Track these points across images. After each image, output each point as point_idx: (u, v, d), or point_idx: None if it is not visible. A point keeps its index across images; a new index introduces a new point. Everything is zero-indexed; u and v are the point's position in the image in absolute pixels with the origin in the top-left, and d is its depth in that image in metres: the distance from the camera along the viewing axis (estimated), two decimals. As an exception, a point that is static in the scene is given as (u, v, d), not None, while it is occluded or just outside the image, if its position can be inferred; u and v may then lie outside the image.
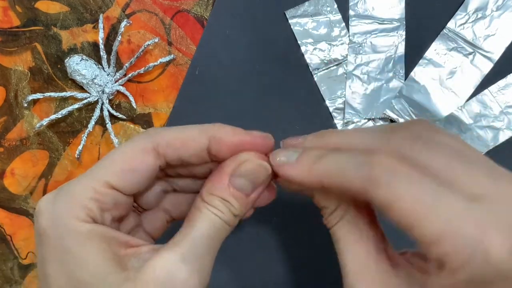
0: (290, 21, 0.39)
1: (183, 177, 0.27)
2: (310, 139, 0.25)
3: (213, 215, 0.23)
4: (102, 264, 0.21)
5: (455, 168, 0.19)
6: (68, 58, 0.38)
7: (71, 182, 0.23)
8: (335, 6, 0.39)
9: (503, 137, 0.37)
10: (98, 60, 0.39)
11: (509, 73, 0.37)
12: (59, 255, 0.21)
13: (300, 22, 0.39)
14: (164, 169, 0.25)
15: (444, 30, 0.38)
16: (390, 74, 0.38)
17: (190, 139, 0.24)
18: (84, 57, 0.39)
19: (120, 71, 0.39)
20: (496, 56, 0.37)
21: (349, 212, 0.23)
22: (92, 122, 0.38)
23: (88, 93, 0.39)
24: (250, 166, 0.24)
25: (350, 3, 0.39)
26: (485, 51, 0.38)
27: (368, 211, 0.23)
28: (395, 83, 0.38)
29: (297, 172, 0.23)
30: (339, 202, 0.23)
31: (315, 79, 0.38)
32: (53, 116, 0.38)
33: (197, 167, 0.26)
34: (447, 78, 0.38)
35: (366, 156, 0.20)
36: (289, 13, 0.39)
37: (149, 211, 0.28)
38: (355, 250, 0.22)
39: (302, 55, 0.39)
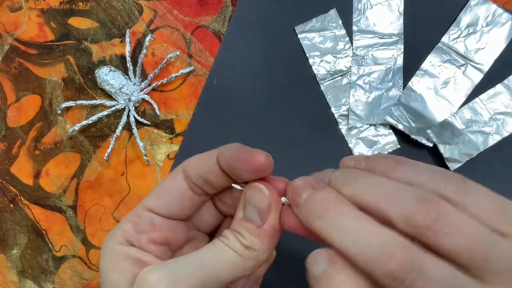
0: (299, 35, 0.43)
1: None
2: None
3: (219, 242, 0.23)
4: (120, 284, 0.23)
5: None
6: (98, 69, 0.42)
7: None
8: (340, 22, 0.43)
9: (492, 141, 0.40)
10: (125, 71, 0.43)
11: (498, 83, 0.41)
12: (100, 276, 0.25)
13: (308, 37, 0.43)
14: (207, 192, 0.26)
15: (439, 44, 0.42)
16: (390, 84, 0.42)
17: (206, 158, 0.25)
18: (112, 68, 0.42)
19: (145, 81, 0.42)
20: (486, 68, 0.41)
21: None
22: (120, 127, 0.42)
23: (116, 101, 0.43)
24: (249, 191, 0.24)
25: (354, 20, 0.43)
26: (476, 63, 0.41)
27: None
28: (394, 92, 0.42)
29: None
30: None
31: (322, 88, 0.42)
32: (84, 122, 0.42)
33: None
34: (441, 88, 0.41)
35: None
36: (298, 28, 0.43)
37: None
38: None
39: (310, 66, 0.42)
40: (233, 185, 0.25)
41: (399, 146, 0.41)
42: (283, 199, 0.24)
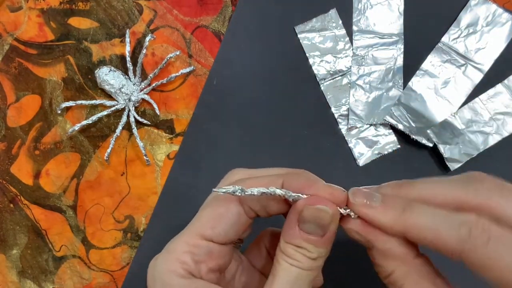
0: (299, 35, 0.43)
1: None
2: (385, 189, 0.24)
3: (290, 266, 0.23)
4: None
5: None
6: (98, 69, 0.42)
7: (172, 240, 0.24)
8: (340, 22, 0.43)
9: (492, 141, 0.40)
10: (125, 71, 0.43)
11: (498, 83, 0.41)
12: None
13: (308, 37, 0.43)
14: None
15: (439, 44, 0.42)
16: (390, 84, 0.42)
17: (267, 183, 0.24)
18: (112, 68, 0.42)
19: (145, 81, 0.42)
20: (486, 68, 0.41)
21: (408, 277, 0.23)
22: (120, 127, 0.42)
23: (116, 101, 0.43)
24: (309, 212, 0.23)
25: (354, 19, 0.43)
26: (476, 63, 0.41)
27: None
28: (394, 92, 0.42)
29: (382, 218, 0.22)
30: (396, 267, 0.23)
31: (322, 88, 0.42)
32: (84, 122, 0.42)
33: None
34: (441, 88, 0.41)
35: (459, 215, 0.21)
36: (298, 28, 0.43)
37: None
38: None
39: (310, 66, 0.42)
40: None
41: (399, 146, 0.41)
42: (342, 210, 0.24)
